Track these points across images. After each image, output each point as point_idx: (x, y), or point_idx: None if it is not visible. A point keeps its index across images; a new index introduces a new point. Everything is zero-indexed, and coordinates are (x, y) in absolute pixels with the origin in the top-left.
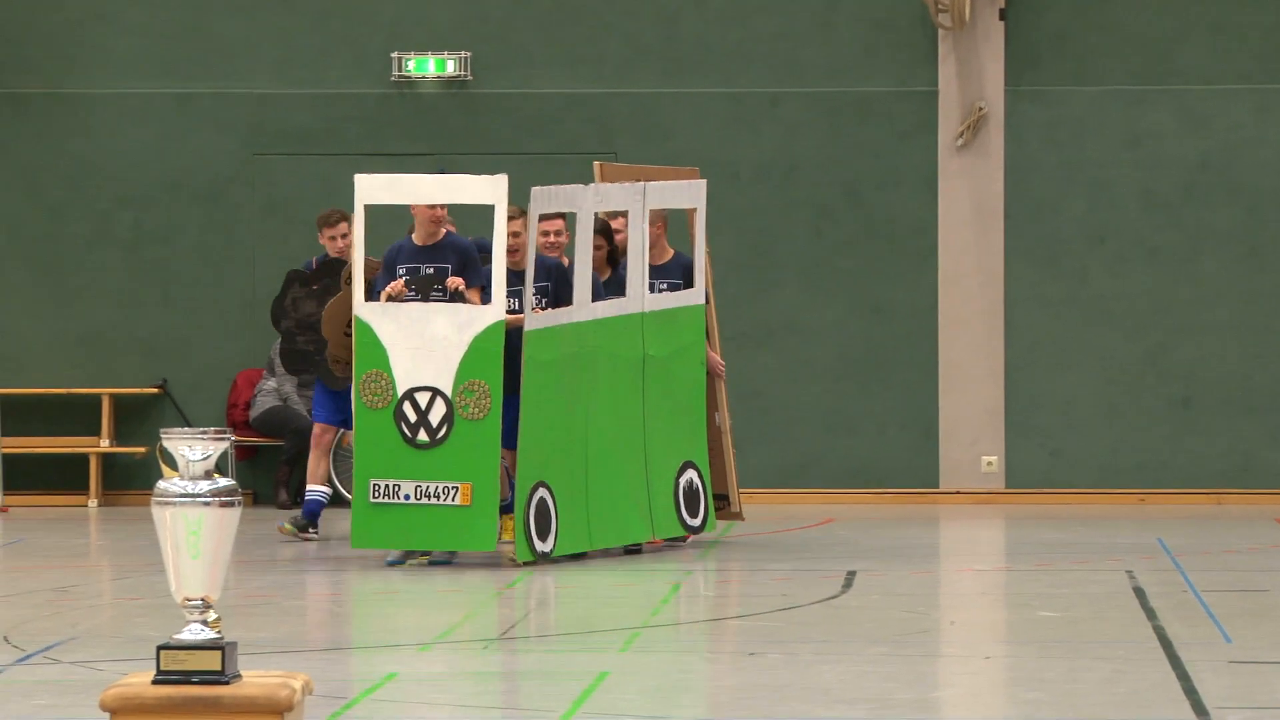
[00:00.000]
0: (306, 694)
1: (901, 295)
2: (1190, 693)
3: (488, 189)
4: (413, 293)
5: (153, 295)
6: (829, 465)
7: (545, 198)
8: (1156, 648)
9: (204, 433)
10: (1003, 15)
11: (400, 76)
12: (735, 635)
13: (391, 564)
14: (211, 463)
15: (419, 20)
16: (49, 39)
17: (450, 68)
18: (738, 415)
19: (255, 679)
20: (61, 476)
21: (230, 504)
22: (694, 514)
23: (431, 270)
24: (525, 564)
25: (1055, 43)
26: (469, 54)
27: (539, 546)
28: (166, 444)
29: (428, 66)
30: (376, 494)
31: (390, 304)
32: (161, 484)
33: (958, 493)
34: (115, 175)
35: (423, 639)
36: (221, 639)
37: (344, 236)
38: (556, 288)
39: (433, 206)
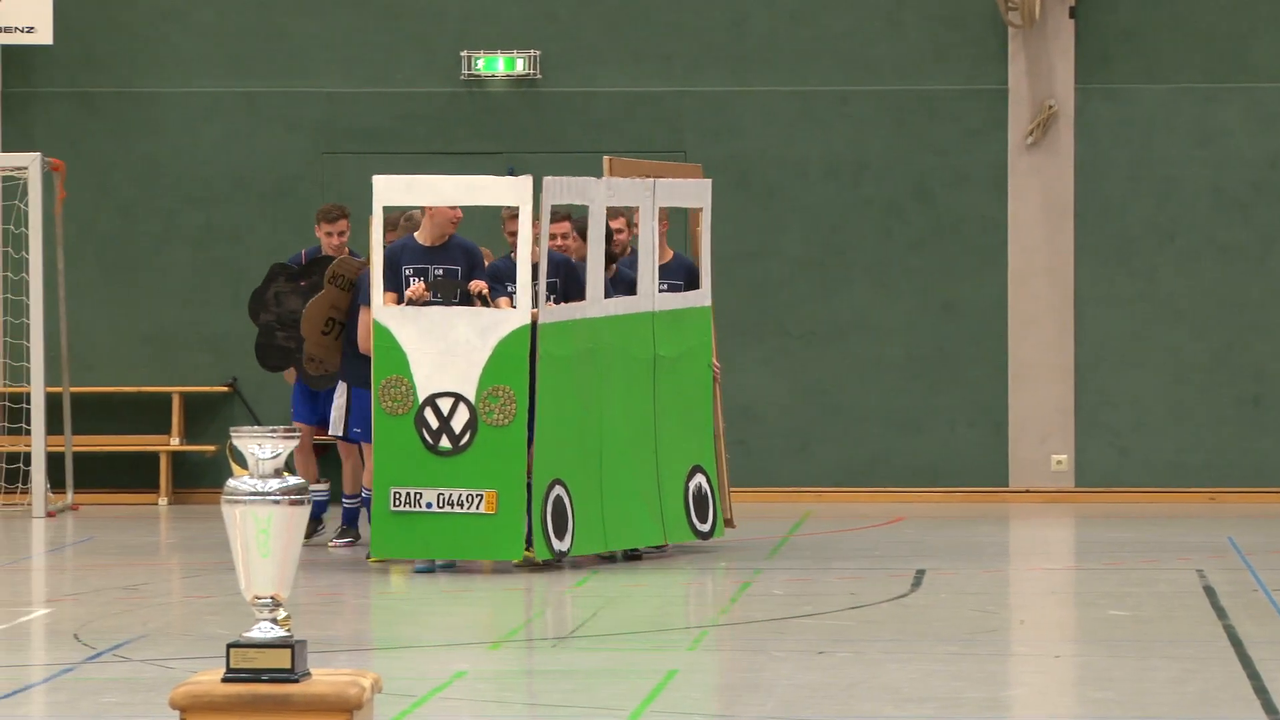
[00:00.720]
0: (376, 692)
1: (971, 293)
2: (1260, 692)
3: (511, 190)
4: (435, 297)
5: (222, 294)
6: (898, 464)
7: (557, 189)
8: (1226, 647)
9: (273, 431)
10: (1072, 13)
11: (469, 75)
12: (804, 634)
13: (420, 571)
14: (281, 461)
15: (488, 19)
16: (119, 38)
17: (519, 66)
18: (807, 413)
19: (325, 677)
20: (132, 475)
21: (300, 502)
22: (703, 519)
23: (440, 271)
24: (543, 564)
25: (1125, 40)
26: (538, 52)
27: (557, 545)
28: (236, 442)
29: (497, 65)
30: (397, 502)
31: (410, 308)
32: (231, 482)
33: (1027, 491)
34: (185, 174)
35: (492, 637)
36: (291, 637)
37: (341, 234)
38: (565, 284)
39: (454, 208)
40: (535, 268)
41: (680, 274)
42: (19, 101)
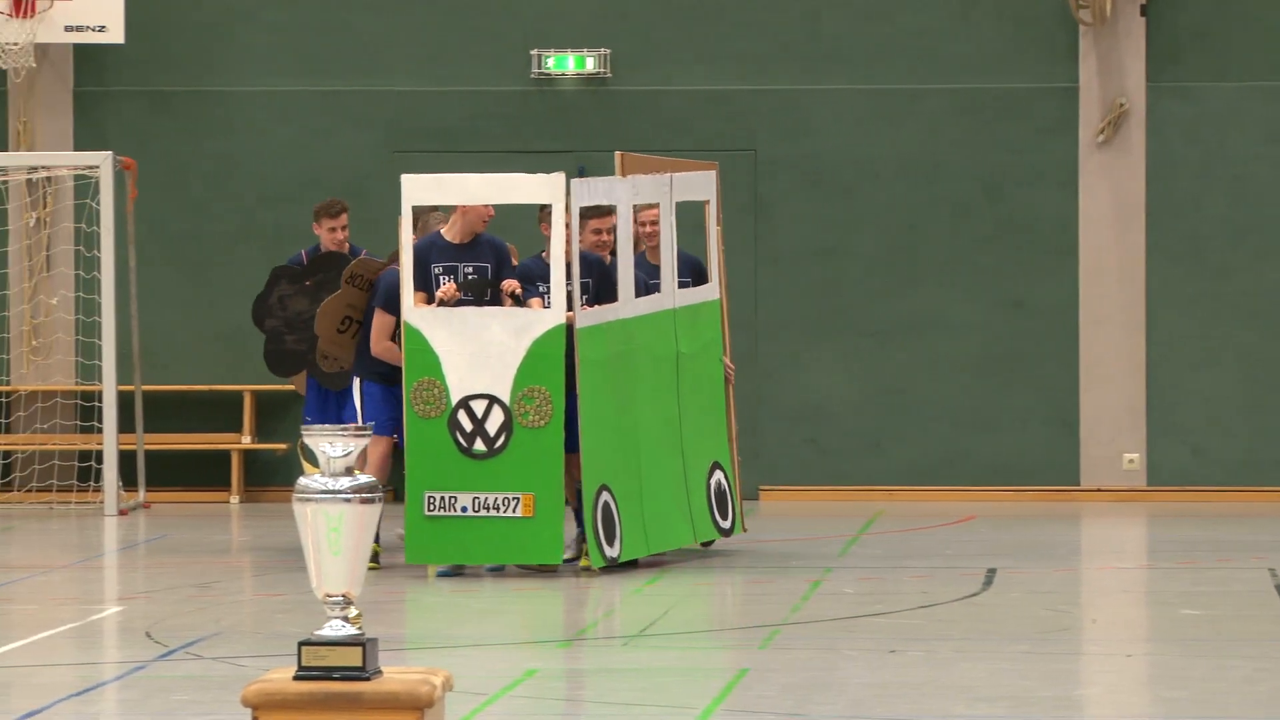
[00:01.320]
0: (447, 690)
1: (1042, 292)
2: None
3: (544, 188)
4: (466, 297)
5: None
6: (970, 462)
7: (586, 191)
8: None
9: (345, 429)
10: (1144, 10)
11: (540, 74)
12: (875, 633)
13: (443, 575)
14: (353, 459)
15: (559, 17)
16: (192, 37)
17: (590, 65)
18: (879, 411)
19: (396, 675)
20: (203, 473)
21: (371, 500)
22: (724, 516)
23: (470, 269)
24: (599, 570)
25: (1197, 38)
26: (609, 51)
27: (608, 552)
28: (308, 440)
29: (567, 64)
30: (431, 507)
31: (442, 309)
32: (303, 480)
33: (1099, 490)
34: (257, 173)
35: (563, 635)
36: (362, 635)
37: (344, 229)
38: (598, 285)
39: (487, 206)
40: (568, 267)
41: (686, 270)
42: (91, 100)
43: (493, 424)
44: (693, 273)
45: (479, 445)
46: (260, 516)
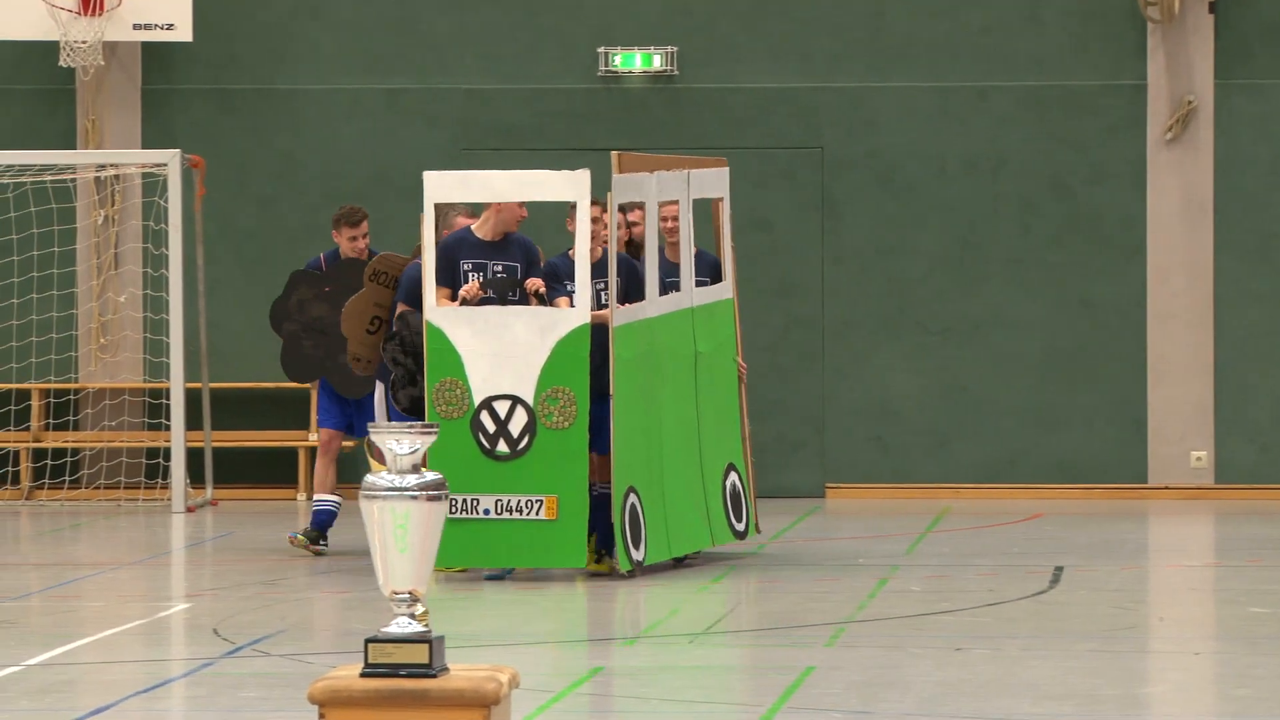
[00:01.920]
0: (513, 687)
1: (1109, 290)
2: None
3: (569, 185)
4: (490, 295)
5: None
6: (1036, 460)
7: (622, 187)
8: None
9: (411, 427)
10: (1212, 8)
11: (607, 71)
12: (942, 630)
13: (490, 579)
14: (419, 456)
15: (626, 15)
16: (259, 35)
17: (656, 62)
18: (945, 409)
19: (462, 672)
20: (270, 470)
21: (437, 498)
22: (739, 518)
23: (500, 268)
24: (626, 575)
25: (1266, 35)
26: (675, 48)
27: (634, 555)
28: (374, 438)
29: (634, 61)
30: (453, 509)
31: (465, 308)
32: (369, 478)
33: (1166, 488)
34: (324, 170)
35: (628, 633)
36: (429, 632)
37: (364, 237)
38: (627, 285)
39: (522, 204)
40: (595, 266)
41: (704, 269)
42: (159, 98)
43: (516, 425)
44: (710, 271)
45: (502, 447)
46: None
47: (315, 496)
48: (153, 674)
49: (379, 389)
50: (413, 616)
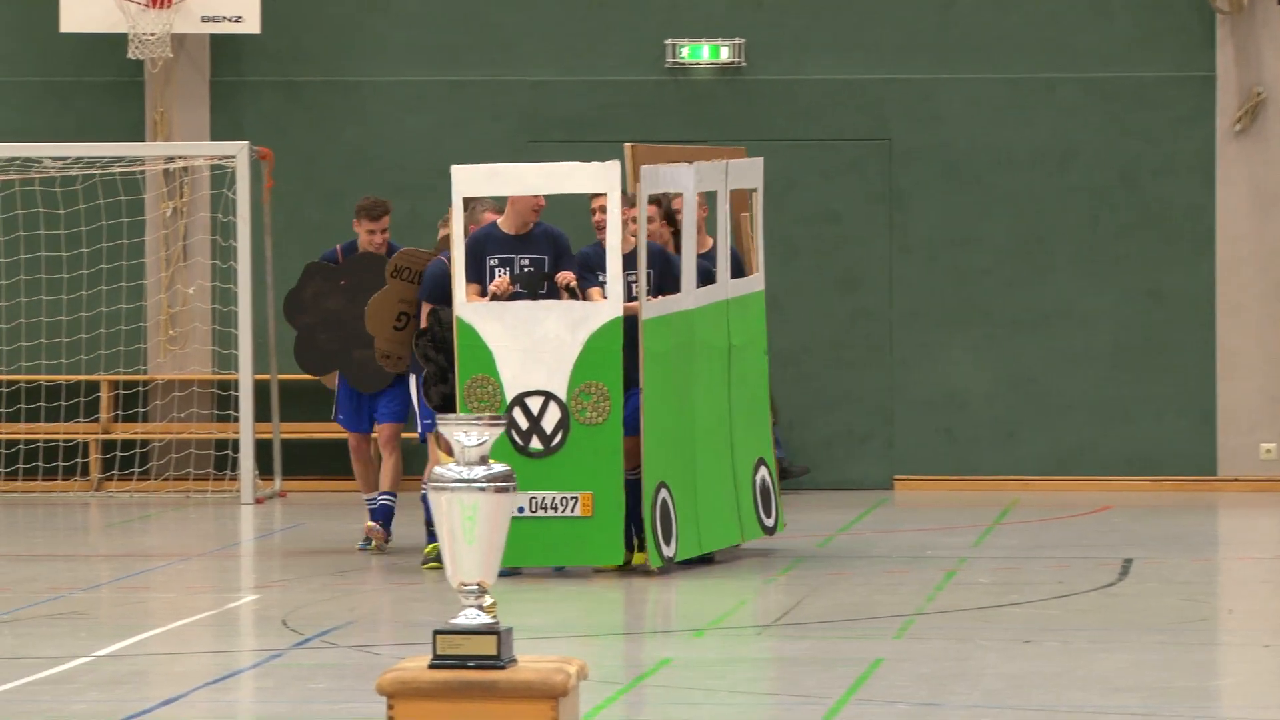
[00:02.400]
0: (581, 679)
1: (1178, 281)
2: None
3: (598, 177)
4: (520, 290)
5: None
6: (1105, 452)
7: (653, 178)
8: None
9: (479, 419)
10: None
11: (674, 63)
12: (1010, 623)
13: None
14: (487, 448)
15: (693, 7)
16: (327, 28)
17: (724, 54)
18: (1013, 401)
19: (530, 664)
20: (339, 462)
21: (505, 489)
22: (768, 513)
23: (527, 261)
24: (657, 571)
25: None
26: (743, 40)
27: (665, 551)
28: (443, 430)
29: (701, 53)
30: None
31: (495, 303)
32: (438, 469)
33: (1235, 480)
34: (391, 163)
35: (696, 624)
36: (497, 624)
37: (383, 231)
38: (661, 277)
39: (536, 196)
40: (628, 257)
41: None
42: (227, 91)
43: (549, 421)
44: (733, 264)
45: (535, 443)
46: (396, 505)
47: (366, 498)
48: (222, 665)
49: (412, 383)
50: (481, 608)
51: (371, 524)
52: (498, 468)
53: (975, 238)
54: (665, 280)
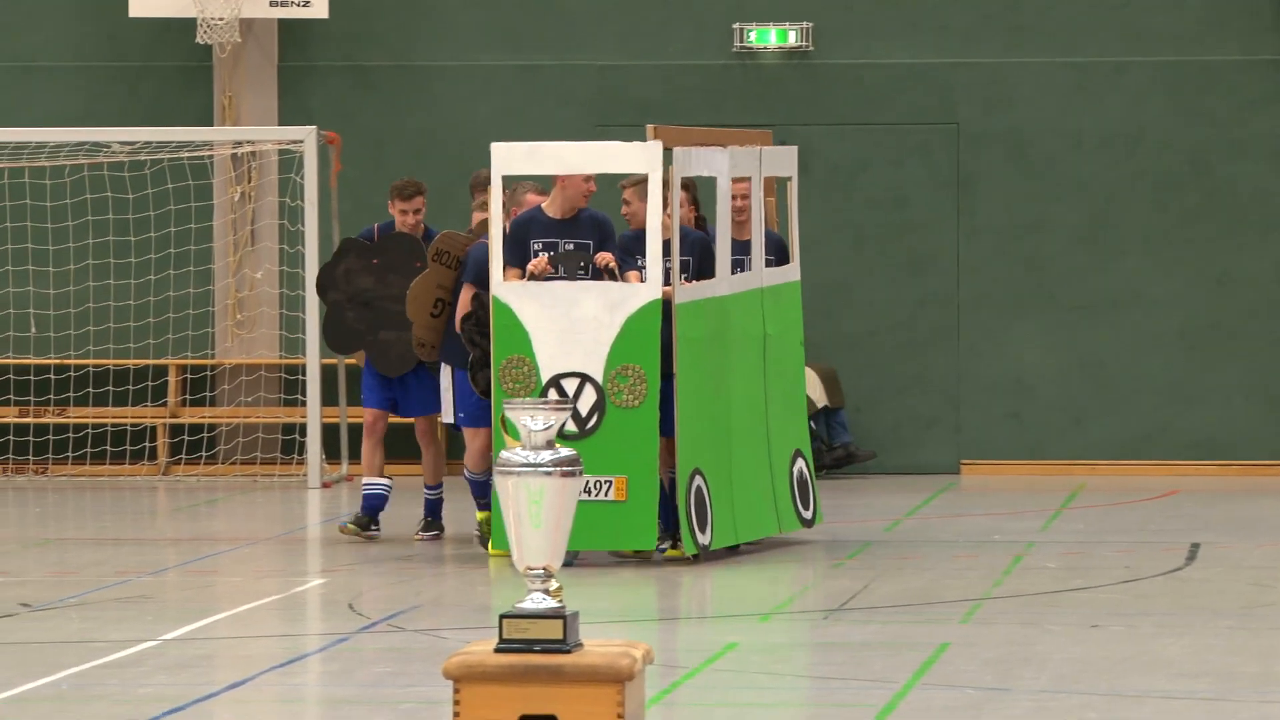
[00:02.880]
0: (647, 663)
1: (1247, 266)
2: None
3: (640, 156)
4: (558, 271)
5: None
6: (1173, 437)
7: (686, 161)
8: None
9: (546, 403)
10: None
11: (742, 47)
12: (1077, 607)
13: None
14: (554, 433)
15: None
16: (395, 12)
17: (792, 38)
18: (1081, 386)
19: (596, 648)
20: (405, 446)
21: (572, 474)
22: (806, 506)
23: (571, 246)
24: (691, 559)
25: None
26: (810, 24)
27: (700, 539)
28: (510, 414)
29: (769, 37)
30: None
31: (532, 283)
32: (504, 454)
33: None
34: (459, 147)
35: (762, 609)
36: (563, 608)
37: (417, 212)
38: (700, 263)
39: (588, 179)
40: (667, 243)
41: (771, 249)
42: (295, 75)
43: (585, 403)
44: (776, 251)
45: (570, 426)
46: (462, 489)
47: (364, 480)
48: (288, 649)
49: (445, 372)
50: (547, 592)
51: (347, 524)
52: (564, 452)
53: (1043, 222)
54: (705, 267)
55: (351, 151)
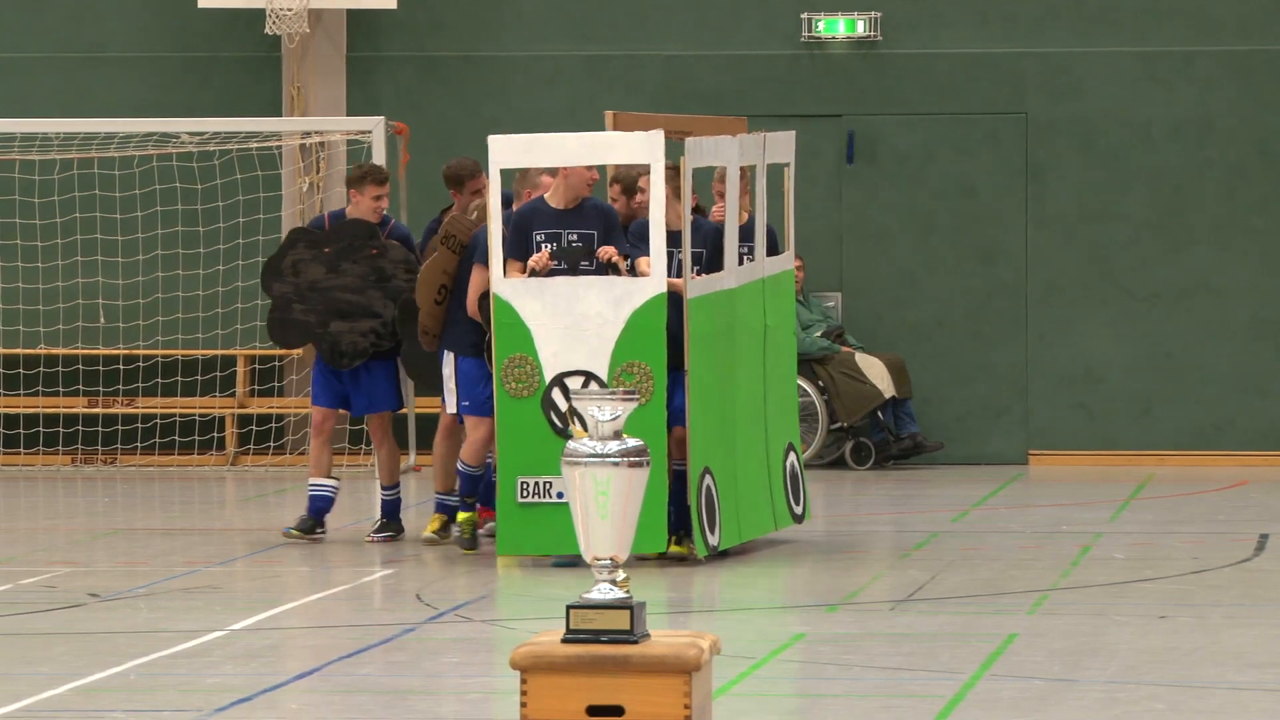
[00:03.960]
0: (714, 654)
1: None
2: None
3: (642, 147)
4: (559, 265)
5: None
6: (1243, 427)
7: (697, 150)
8: None
9: (613, 393)
10: None
11: (810, 37)
12: (1145, 598)
13: (560, 565)
14: (621, 423)
15: None
16: (464, 3)
17: (860, 28)
18: (1150, 376)
19: (663, 638)
20: (425, 436)
21: (639, 464)
22: (797, 500)
23: (575, 237)
24: (704, 560)
25: None
26: (879, 14)
27: (710, 540)
28: (576, 404)
29: (837, 27)
30: (525, 493)
31: (534, 279)
32: (571, 444)
33: None
34: None
35: (829, 600)
36: (630, 598)
37: (385, 198)
38: (711, 255)
39: (590, 167)
40: (674, 234)
41: (767, 240)
42: (364, 66)
43: None
44: (770, 241)
45: (575, 426)
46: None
47: (311, 481)
48: (356, 639)
49: (448, 360)
50: (614, 583)
51: (291, 530)
52: (632, 442)
53: (1112, 211)
54: (715, 259)
55: (420, 142)
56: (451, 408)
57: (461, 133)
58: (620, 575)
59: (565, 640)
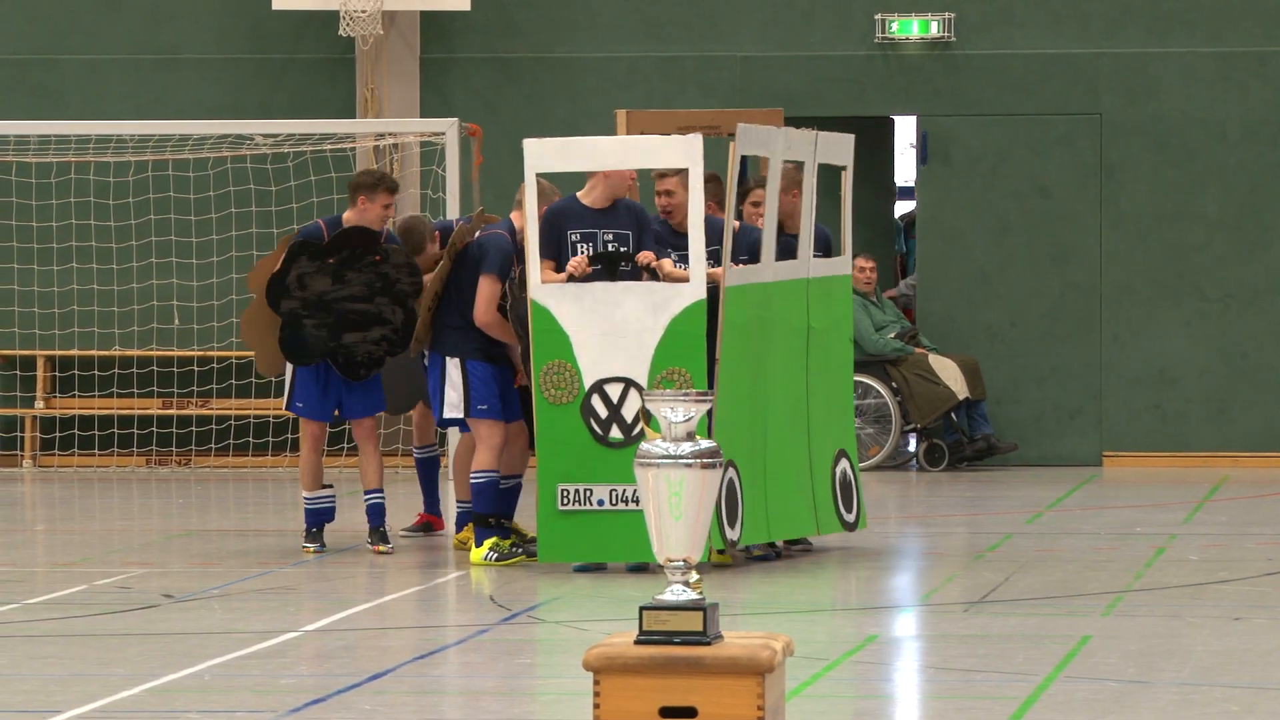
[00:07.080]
0: (787, 655)
1: None
2: None
3: (679, 151)
4: (598, 270)
5: None
6: None
7: (746, 137)
8: None
9: (686, 395)
10: None
11: (884, 38)
12: (1220, 599)
13: (580, 570)
14: (694, 424)
15: None
16: (536, 4)
17: (934, 29)
18: (1225, 377)
19: (736, 640)
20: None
21: (712, 465)
22: (849, 508)
23: (610, 237)
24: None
25: None
26: (952, 15)
27: (729, 534)
28: (649, 406)
29: (911, 28)
30: (565, 500)
31: (571, 284)
32: (644, 445)
33: None
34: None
35: (903, 601)
36: (703, 599)
37: (389, 207)
38: (751, 260)
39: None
40: (683, 235)
41: (819, 243)
42: (437, 67)
43: (630, 409)
44: (824, 246)
45: (615, 433)
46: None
47: (304, 494)
48: (429, 640)
49: (453, 365)
50: (687, 584)
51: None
52: (704, 444)
53: (1187, 212)
54: (750, 257)
55: (493, 143)
56: (455, 413)
57: (535, 134)
58: (693, 577)
59: (638, 641)
